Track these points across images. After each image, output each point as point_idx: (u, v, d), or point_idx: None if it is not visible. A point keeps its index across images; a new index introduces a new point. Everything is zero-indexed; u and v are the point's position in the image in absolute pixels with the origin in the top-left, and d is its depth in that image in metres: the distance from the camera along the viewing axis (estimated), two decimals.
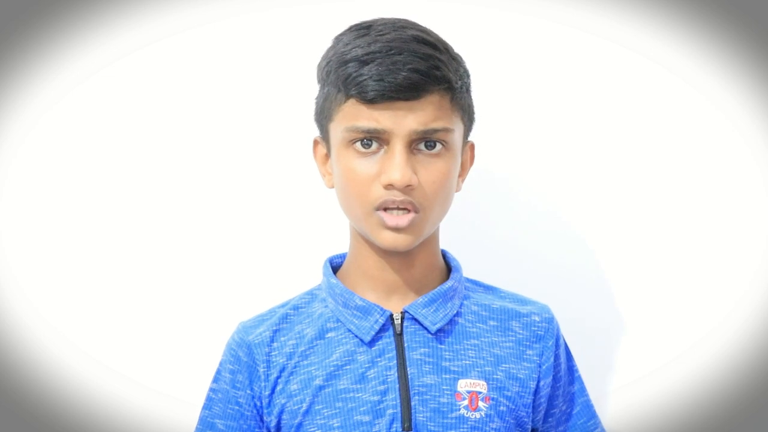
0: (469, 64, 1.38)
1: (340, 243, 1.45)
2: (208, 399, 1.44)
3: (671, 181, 1.66)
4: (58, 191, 1.69)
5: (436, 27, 1.36)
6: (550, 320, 1.43)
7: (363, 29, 1.34)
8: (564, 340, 1.46)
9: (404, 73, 1.29)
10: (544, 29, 1.66)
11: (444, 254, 1.44)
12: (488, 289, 1.46)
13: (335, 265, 1.45)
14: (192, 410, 1.59)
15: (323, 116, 1.38)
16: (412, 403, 1.33)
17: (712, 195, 1.65)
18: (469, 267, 1.46)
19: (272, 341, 1.40)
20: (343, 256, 1.45)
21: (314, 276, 1.46)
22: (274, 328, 1.41)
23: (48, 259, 1.68)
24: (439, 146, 1.33)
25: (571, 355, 1.47)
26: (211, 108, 1.69)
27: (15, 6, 1.63)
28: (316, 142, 1.42)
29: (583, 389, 1.47)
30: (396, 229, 1.32)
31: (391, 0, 1.43)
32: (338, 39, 1.36)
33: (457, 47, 1.37)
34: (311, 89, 1.41)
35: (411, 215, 1.32)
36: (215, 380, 1.44)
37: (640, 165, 1.66)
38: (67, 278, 1.69)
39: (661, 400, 1.64)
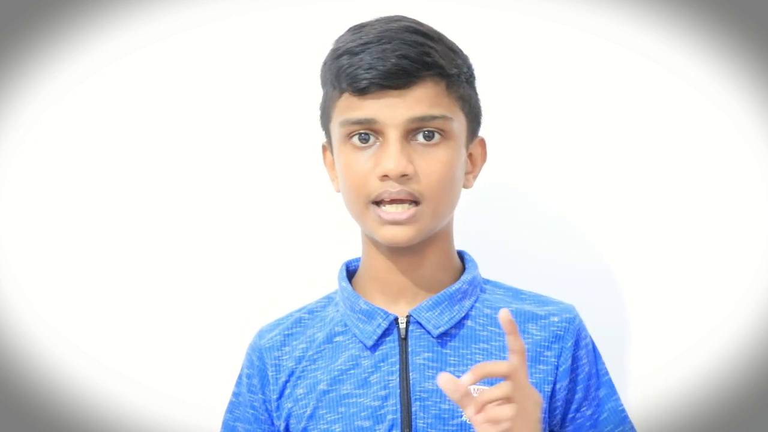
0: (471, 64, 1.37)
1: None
2: (230, 403, 1.45)
3: (672, 181, 1.66)
4: (59, 191, 1.69)
5: (435, 27, 1.35)
6: (571, 320, 1.37)
7: (358, 27, 1.33)
8: (591, 341, 1.40)
9: (393, 60, 1.26)
10: (544, 29, 1.66)
11: (462, 255, 1.40)
12: (509, 290, 1.40)
13: (353, 269, 1.42)
14: (192, 411, 1.60)
15: (325, 118, 1.36)
16: (413, 409, 1.30)
17: (712, 195, 1.65)
18: (483, 269, 1.43)
19: (283, 345, 1.39)
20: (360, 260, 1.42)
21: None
22: (287, 332, 1.40)
23: (48, 259, 1.69)
24: (437, 136, 1.29)
25: (600, 358, 1.40)
26: (213, 108, 1.69)
27: (15, 6, 1.62)
28: (324, 148, 1.40)
29: (611, 393, 1.39)
30: (395, 222, 1.28)
31: (391, 1, 1.43)
32: (337, 40, 1.35)
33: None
34: (312, 89, 1.40)
35: (412, 209, 1.28)
36: (237, 384, 1.44)
37: (640, 165, 1.66)
38: (67, 278, 1.69)
39: (660, 400, 1.64)
